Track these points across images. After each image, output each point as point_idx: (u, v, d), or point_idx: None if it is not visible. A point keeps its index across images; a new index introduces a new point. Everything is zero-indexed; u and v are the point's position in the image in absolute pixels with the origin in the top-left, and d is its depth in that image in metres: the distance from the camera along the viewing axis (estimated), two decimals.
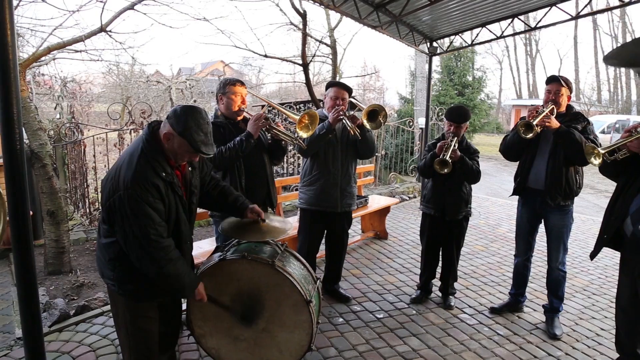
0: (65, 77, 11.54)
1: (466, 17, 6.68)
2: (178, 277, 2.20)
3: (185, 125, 2.10)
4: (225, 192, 2.67)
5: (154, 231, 2.08)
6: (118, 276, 2.26)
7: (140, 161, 2.10)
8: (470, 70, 23.64)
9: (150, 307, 2.36)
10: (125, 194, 2.05)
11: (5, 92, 2.67)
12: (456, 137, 3.85)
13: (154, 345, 2.41)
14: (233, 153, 3.15)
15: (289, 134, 3.44)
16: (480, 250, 5.94)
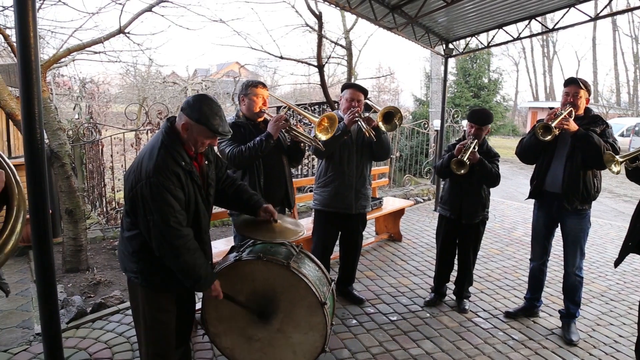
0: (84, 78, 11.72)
1: (483, 18, 6.64)
2: (195, 268, 2.23)
3: (200, 113, 2.20)
4: (240, 191, 2.70)
5: (174, 218, 2.15)
6: (141, 268, 2.32)
7: (161, 152, 2.19)
8: (486, 72, 23.49)
9: (168, 300, 2.41)
10: (147, 182, 2.13)
11: (28, 93, 2.72)
12: (476, 139, 3.82)
13: (171, 339, 2.46)
14: (253, 152, 3.18)
15: (308, 136, 3.46)
16: (495, 254, 5.89)
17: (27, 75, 2.71)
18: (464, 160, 3.67)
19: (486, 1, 5.75)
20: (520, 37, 7.19)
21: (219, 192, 2.65)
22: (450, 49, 8.05)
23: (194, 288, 2.36)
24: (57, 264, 4.00)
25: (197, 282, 2.29)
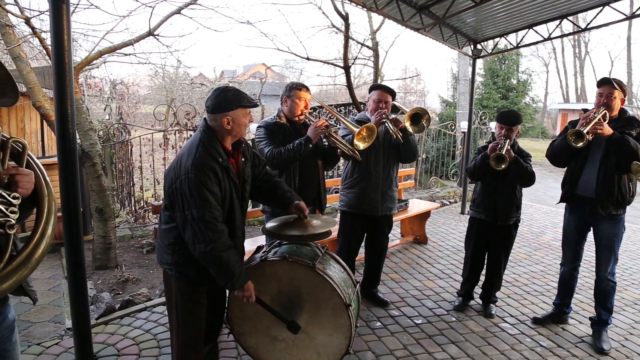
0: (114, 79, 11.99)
1: (512, 18, 6.52)
2: (228, 265, 2.27)
3: (230, 101, 2.32)
4: (275, 187, 2.76)
5: (210, 213, 2.21)
6: (176, 260, 2.39)
7: (199, 149, 2.28)
8: (515, 73, 23.06)
9: (201, 293, 2.47)
10: (186, 178, 2.21)
11: (61, 94, 2.80)
12: (508, 139, 3.77)
13: (201, 331, 2.51)
14: (291, 154, 3.26)
15: (346, 144, 3.48)
16: (523, 258, 5.77)
17: (61, 77, 2.79)
18: (503, 155, 3.61)
19: (516, 1, 5.66)
20: (551, 37, 7.04)
21: (256, 187, 2.72)
22: (478, 49, 7.94)
23: (226, 286, 2.37)
24: (87, 261, 4.11)
25: (230, 279, 2.31)
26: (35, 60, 8.08)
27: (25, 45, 5.51)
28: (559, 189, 3.86)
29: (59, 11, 2.71)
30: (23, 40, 4.97)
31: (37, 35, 4.39)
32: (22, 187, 1.53)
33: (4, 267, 1.48)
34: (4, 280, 1.48)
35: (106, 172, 6.39)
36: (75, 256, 3.05)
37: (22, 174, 1.55)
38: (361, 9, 5.94)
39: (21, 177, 1.54)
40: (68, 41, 2.78)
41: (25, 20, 4.27)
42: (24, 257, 1.53)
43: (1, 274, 1.47)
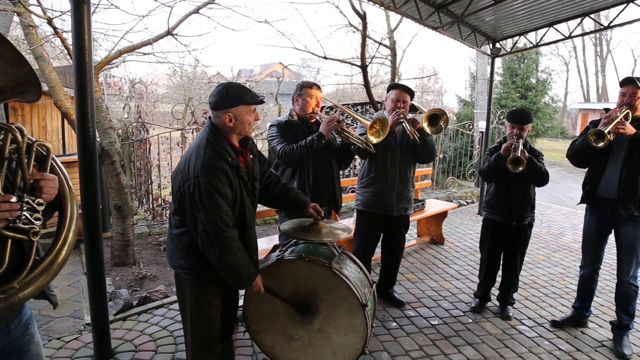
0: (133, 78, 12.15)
1: (532, 16, 6.43)
2: (237, 268, 2.27)
3: (232, 97, 2.26)
4: (287, 189, 2.75)
5: (220, 219, 2.18)
6: (190, 264, 2.37)
7: (208, 150, 2.23)
8: (534, 72, 22.70)
9: (214, 295, 2.46)
10: (196, 181, 2.17)
11: (82, 93, 2.84)
12: (520, 138, 3.72)
13: (216, 332, 2.51)
14: (303, 151, 3.22)
15: (359, 138, 3.46)
16: (542, 260, 5.69)
17: (82, 76, 2.83)
18: (520, 157, 3.56)
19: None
20: (571, 35, 6.93)
21: (265, 190, 2.69)
22: (497, 48, 7.84)
23: (234, 286, 2.39)
24: (105, 258, 4.17)
25: (238, 280, 2.33)
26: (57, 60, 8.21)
27: (47, 45, 5.61)
28: (578, 189, 3.79)
29: (80, 11, 2.75)
30: (45, 40, 5.05)
31: (58, 35, 4.46)
32: (46, 192, 1.53)
33: (27, 274, 1.49)
34: (26, 287, 1.49)
35: (125, 170, 6.47)
36: (95, 253, 3.09)
37: (47, 180, 1.54)
38: (379, 7, 5.91)
39: (45, 183, 1.53)
40: (89, 41, 2.82)
41: (47, 20, 4.34)
42: (46, 264, 1.54)
43: (24, 281, 1.49)
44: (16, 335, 1.70)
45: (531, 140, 22.47)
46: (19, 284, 1.47)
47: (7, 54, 1.58)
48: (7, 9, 4.43)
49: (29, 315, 1.78)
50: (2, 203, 1.39)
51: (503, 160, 3.71)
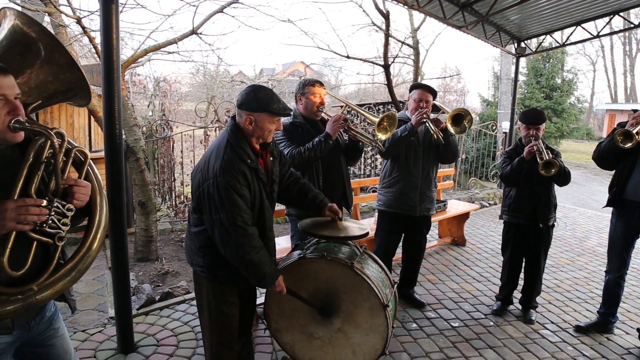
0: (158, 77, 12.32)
1: (559, 15, 6.32)
2: (259, 266, 2.27)
3: (258, 101, 2.24)
4: (305, 189, 2.73)
5: (240, 218, 2.18)
6: (208, 262, 2.38)
7: (227, 150, 2.24)
8: (560, 72, 22.31)
9: (232, 293, 2.48)
10: (215, 181, 2.17)
11: (109, 91, 2.90)
12: (538, 140, 3.69)
13: (234, 329, 2.53)
14: (312, 153, 3.16)
15: (367, 136, 3.42)
16: (566, 264, 5.59)
17: (109, 75, 2.89)
18: (552, 160, 3.52)
19: None
20: (600, 34, 6.79)
21: (284, 190, 2.68)
22: (522, 47, 7.74)
23: (258, 285, 2.40)
24: (129, 253, 4.24)
25: (262, 279, 2.33)
26: (85, 59, 8.38)
27: (75, 44, 5.72)
28: (604, 192, 3.71)
29: (109, 11, 2.80)
30: (74, 40, 5.16)
31: (87, 34, 4.55)
32: (77, 199, 1.55)
33: (47, 278, 1.52)
34: (45, 290, 1.52)
35: (149, 167, 6.57)
36: (120, 248, 3.15)
37: (80, 186, 1.56)
38: (402, 6, 5.88)
39: (78, 189, 1.55)
40: (116, 40, 2.87)
41: (76, 20, 4.44)
42: (68, 269, 1.57)
43: (43, 284, 1.51)
44: (38, 331, 1.73)
45: (555, 142, 22.23)
46: (38, 286, 1.50)
47: (62, 60, 1.62)
48: (40, 10, 4.55)
49: (52, 312, 1.82)
50: (32, 207, 1.42)
51: (527, 164, 3.66)
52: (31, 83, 1.63)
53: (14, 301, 1.46)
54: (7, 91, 1.44)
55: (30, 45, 1.62)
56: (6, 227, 1.39)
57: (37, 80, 1.64)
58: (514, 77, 8.30)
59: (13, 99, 1.46)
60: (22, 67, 1.60)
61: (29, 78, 1.62)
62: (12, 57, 1.58)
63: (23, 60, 1.61)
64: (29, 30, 1.61)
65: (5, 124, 1.44)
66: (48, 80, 1.66)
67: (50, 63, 1.64)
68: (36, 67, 1.62)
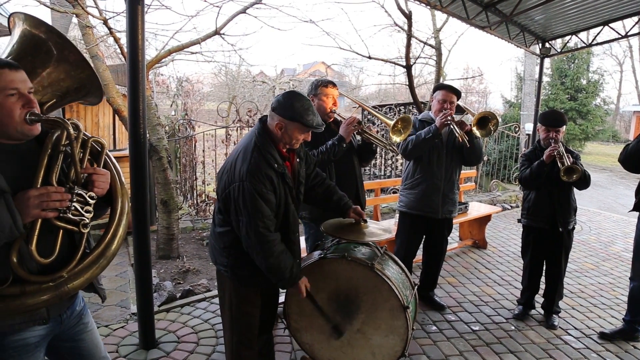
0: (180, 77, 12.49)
1: (585, 15, 6.20)
2: (279, 270, 2.29)
3: (293, 110, 2.23)
4: (330, 191, 2.73)
5: (262, 224, 2.19)
6: (231, 263, 2.40)
7: (254, 154, 2.24)
8: (585, 73, 21.84)
9: (255, 293, 2.49)
10: (241, 185, 2.18)
11: (134, 90, 2.95)
12: (559, 143, 3.64)
13: (255, 329, 2.55)
14: (325, 157, 3.15)
15: (381, 139, 3.39)
16: (590, 269, 5.48)
17: (134, 74, 2.93)
18: (575, 166, 3.47)
19: None
20: (628, 34, 6.63)
21: (309, 190, 2.69)
22: (546, 48, 7.61)
23: (278, 285, 2.43)
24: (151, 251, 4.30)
25: (281, 281, 2.35)
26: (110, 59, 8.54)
27: (101, 45, 5.83)
28: (631, 196, 3.63)
29: (135, 11, 2.85)
30: (100, 40, 5.26)
31: (113, 35, 4.64)
32: (98, 187, 1.59)
33: (76, 265, 1.56)
34: (75, 278, 1.56)
35: (171, 166, 6.66)
36: (142, 246, 3.20)
37: (99, 174, 1.60)
38: (425, 7, 5.84)
39: (98, 177, 1.59)
40: (142, 40, 2.92)
41: (103, 21, 4.52)
42: (95, 257, 1.61)
43: (73, 272, 1.55)
44: (69, 325, 1.78)
45: (580, 144, 21.80)
46: (68, 273, 1.54)
47: (72, 57, 1.66)
48: (68, 11, 4.65)
49: (82, 306, 1.86)
50: (53, 193, 1.46)
51: (547, 167, 3.61)
52: (44, 82, 1.67)
53: (46, 289, 1.50)
54: (19, 85, 1.48)
55: (40, 46, 1.66)
56: (30, 214, 1.43)
57: (49, 79, 1.68)
58: (537, 78, 8.17)
59: (26, 92, 1.50)
60: (34, 67, 1.64)
61: (42, 78, 1.67)
62: (25, 59, 1.63)
63: (35, 61, 1.66)
64: (37, 32, 1.66)
65: (22, 117, 1.48)
66: (60, 78, 1.70)
67: (61, 61, 1.68)
68: (48, 67, 1.67)
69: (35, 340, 1.64)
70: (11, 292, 1.46)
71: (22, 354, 1.61)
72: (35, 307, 1.53)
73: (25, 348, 1.62)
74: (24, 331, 1.60)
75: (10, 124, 1.48)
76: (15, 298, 1.47)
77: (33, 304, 1.50)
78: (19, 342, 1.60)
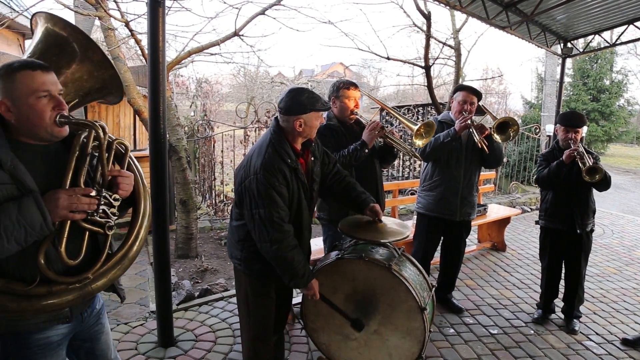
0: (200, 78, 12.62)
1: (609, 14, 6.08)
2: (292, 264, 2.31)
3: (303, 105, 2.32)
4: (349, 187, 2.73)
5: (277, 214, 2.25)
6: (245, 256, 2.46)
7: (269, 150, 2.31)
8: (608, 73, 21.44)
9: (269, 287, 2.53)
10: (255, 178, 2.26)
11: (155, 91, 2.99)
12: (579, 144, 3.60)
13: (270, 324, 2.58)
14: (346, 160, 3.12)
15: (404, 145, 3.36)
16: (612, 273, 5.37)
17: (155, 76, 2.98)
18: (597, 167, 3.43)
19: None
20: None
21: (327, 189, 2.71)
22: (568, 48, 7.48)
23: (290, 284, 2.42)
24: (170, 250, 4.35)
25: (294, 278, 2.36)
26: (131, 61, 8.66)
27: (122, 46, 5.92)
28: None
29: (156, 13, 2.89)
30: (122, 42, 5.34)
31: (134, 37, 4.71)
32: (122, 189, 1.61)
33: (100, 266, 1.59)
34: (99, 279, 1.59)
35: (190, 166, 6.73)
36: (162, 245, 3.24)
37: (124, 176, 1.63)
38: (444, 7, 5.80)
39: (122, 179, 1.62)
40: (163, 42, 2.96)
41: (124, 23, 4.59)
42: (118, 258, 1.64)
43: (97, 273, 1.58)
44: (89, 324, 1.82)
45: (603, 146, 21.40)
46: (93, 274, 1.57)
47: (95, 57, 1.69)
48: (91, 14, 4.74)
49: (101, 305, 1.90)
50: (82, 196, 1.49)
51: (566, 168, 3.57)
52: (67, 82, 1.69)
53: (72, 290, 1.54)
54: (51, 87, 1.51)
55: (64, 45, 1.69)
56: (59, 214, 1.46)
57: (73, 79, 1.71)
58: (559, 79, 8.05)
59: (57, 94, 1.53)
60: (58, 67, 1.66)
61: (66, 77, 1.69)
62: (49, 59, 1.65)
63: (59, 61, 1.68)
64: (61, 31, 1.68)
65: (52, 119, 1.51)
66: (83, 78, 1.73)
67: (85, 61, 1.71)
68: (72, 66, 1.70)
69: (58, 339, 1.68)
70: (38, 292, 1.49)
71: (45, 351, 1.65)
72: (61, 307, 1.56)
73: (48, 346, 1.65)
74: (48, 330, 1.64)
75: (41, 126, 1.51)
76: (42, 298, 1.50)
77: (59, 304, 1.53)
78: (43, 341, 1.64)
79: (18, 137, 1.53)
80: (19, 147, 1.52)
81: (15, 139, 1.53)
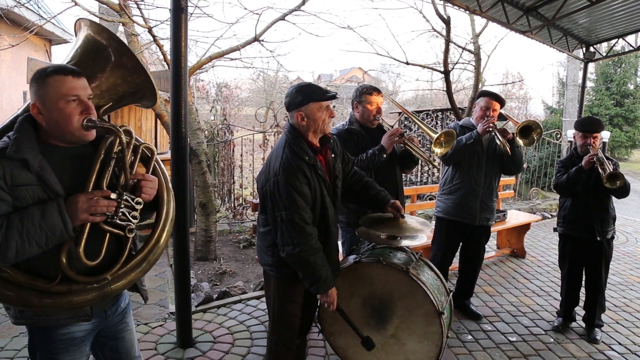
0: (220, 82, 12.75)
1: (633, 17, 5.98)
2: (315, 267, 2.30)
3: (302, 95, 2.32)
4: (368, 186, 2.73)
5: (299, 215, 2.24)
6: (276, 261, 2.44)
7: (286, 150, 2.32)
8: (633, 78, 21.02)
9: (297, 292, 2.51)
10: (275, 180, 2.26)
11: (177, 96, 3.05)
12: (598, 149, 3.55)
13: (295, 328, 2.58)
14: (364, 165, 3.14)
15: (423, 153, 3.35)
16: (636, 282, 5.26)
17: (177, 80, 3.03)
18: (618, 173, 3.38)
19: None
20: None
21: (347, 189, 2.70)
22: (591, 52, 7.37)
23: (311, 289, 2.38)
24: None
25: (316, 282, 2.33)
26: (152, 66, 8.81)
27: (144, 52, 6.03)
28: None
29: (179, 20, 2.95)
30: (145, 47, 5.45)
31: (156, 43, 4.79)
32: (145, 192, 1.64)
33: (119, 268, 1.63)
34: (118, 280, 1.63)
35: (210, 170, 6.80)
36: (182, 247, 3.29)
37: (148, 180, 1.66)
38: (464, 12, 5.77)
39: (146, 183, 1.65)
40: (185, 47, 3.02)
41: (147, 29, 4.69)
42: (138, 260, 1.68)
43: (116, 274, 1.62)
44: (113, 322, 1.86)
45: (626, 152, 20.96)
46: (112, 276, 1.61)
47: (129, 64, 1.75)
48: (115, 20, 4.85)
49: (126, 304, 1.94)
50: (101, 199, 1.53)
51: (585, 174, 3.52)
52: (102, 86, 1.75)
53: (90, 290, 1.58)
54: (80, 92, 1.56)
55: (101, 51, 1.75)
56: (79, 218, 1.50)
57: (107, 84, 1.77)
58: (581, 84, 7.93)
59: (86, 99, 1.58)
60: (94, 72, 1.73)
61: (101, 82, 1.75)
62: (87, 64, 1.72)
63: (95, 66, 1.74)
64: (99, 38, 1.75)
65: (80, 122, 1.56)
66: (117, 83, 1.78)
67: (119, 67, 1.76)
68: (107, 71, 1.75)
69: (82, 335, 1.73)
70: (59, 290, 1.54)
71: (69, 346, 1.70)
72: (80, 305, 1.61)
73: (72, 341, 1.70)
74: (70, 326, 1.69)
75: (69, 129, 1.56)
76: (62, 295, 1.55)
77: (78, 302, 1.58)
78: (66, 336, 1.69)
79: (49, 139, 1.59)
80: (49, 149, 1.58)
81: (46, 141, 1.59)
